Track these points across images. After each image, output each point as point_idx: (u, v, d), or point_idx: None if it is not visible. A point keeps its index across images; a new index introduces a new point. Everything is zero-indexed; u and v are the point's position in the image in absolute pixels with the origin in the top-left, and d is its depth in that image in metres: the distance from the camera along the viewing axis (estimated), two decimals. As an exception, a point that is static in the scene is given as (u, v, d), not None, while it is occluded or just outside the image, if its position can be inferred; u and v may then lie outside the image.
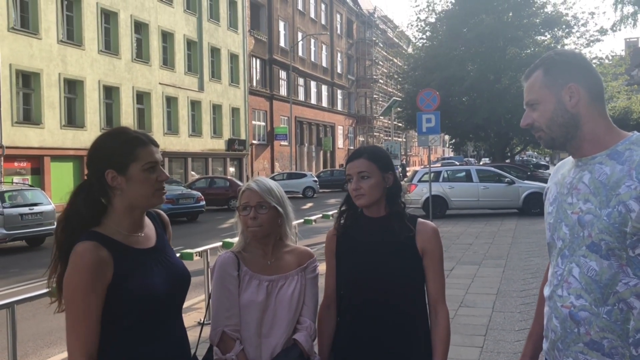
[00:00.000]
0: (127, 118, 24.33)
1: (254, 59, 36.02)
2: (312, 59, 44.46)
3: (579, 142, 1.61)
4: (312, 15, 44.68)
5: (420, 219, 2.10)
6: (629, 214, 1.45)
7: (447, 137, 37.21)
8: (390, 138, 46.70)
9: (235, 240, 2.24)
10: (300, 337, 2.07)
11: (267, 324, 2.07)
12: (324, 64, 46.80)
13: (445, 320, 2.02)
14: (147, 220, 1.84)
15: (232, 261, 2.10)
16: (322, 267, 2.13)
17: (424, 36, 31.74)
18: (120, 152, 1.70)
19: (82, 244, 1.63)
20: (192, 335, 2.22)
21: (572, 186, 1.60)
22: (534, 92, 1.64)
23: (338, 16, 50.17)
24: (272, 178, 29.79)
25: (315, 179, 29.77)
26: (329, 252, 2.16)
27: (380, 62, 57.61)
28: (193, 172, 29.23)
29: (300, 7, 42.09)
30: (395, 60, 53.76)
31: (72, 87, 22.18)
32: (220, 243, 6.28)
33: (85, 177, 1.76)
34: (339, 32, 50.31)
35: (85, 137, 21.31)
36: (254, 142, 35.48)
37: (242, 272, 2.09)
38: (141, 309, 1.66)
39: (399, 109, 31.52)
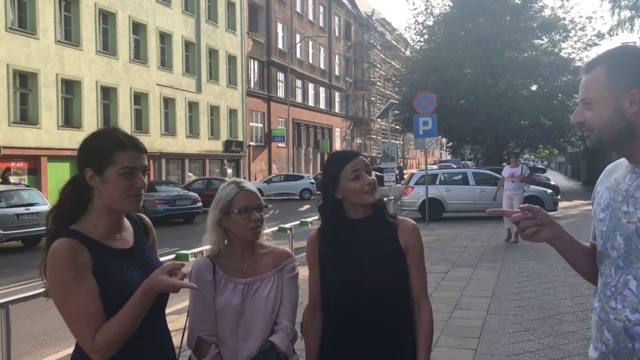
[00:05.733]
0: (125, 119, 24.31)
1: (251, 60, 36.03)
2: (310, 61, 44.50)
3: (633, 148, 1.50)
4: (311, 17, 44.73)
5: (399, 217, 2.12)
6: None
7: (444, 140, 37.23)
8: (387, 140, 46.76)
9: None
10: (277, 338, 2.06)
11: (243, 327, 2.07)
12: (321, 66, 46.84)
13: (429, 315, 2.03)
14: (127, 224, 1.84)
15: (207, 266, 2.11)
16: (304, 271, 2.12)
17: (422, 39, 31.85)
18: (99, 153, 1.71)
19: (59, 241, 1.65)
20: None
21: (628, 194, 1.49)
22: (591, 91, 1.50)
23: (336, 18, 50.23)
24: (270, 180, 29.86)
25: (313, 180, 29.75)
26: (311, 257, 2.12)
27: (378, 65, 57.69)
28: (190, 174, 29.22)
29: (298, 9, 42.13)
30: (393, 63, 53.91)
31: (70, 88, 22.15)
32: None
33: None
34: (337, 34, 50.37)
35: (82, 138, 20.99)
36: (252, 143, 35.47)
37: (218, 276, 2.09)
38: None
39: (396, 111, 31.55)
